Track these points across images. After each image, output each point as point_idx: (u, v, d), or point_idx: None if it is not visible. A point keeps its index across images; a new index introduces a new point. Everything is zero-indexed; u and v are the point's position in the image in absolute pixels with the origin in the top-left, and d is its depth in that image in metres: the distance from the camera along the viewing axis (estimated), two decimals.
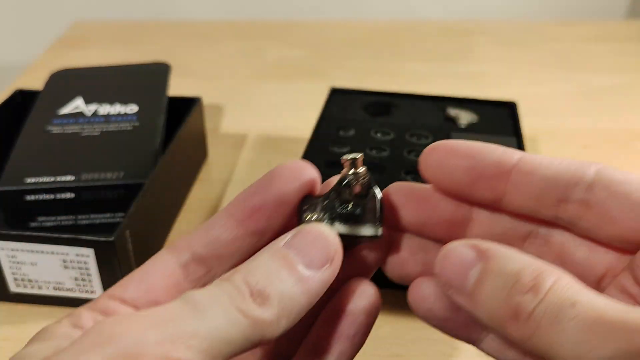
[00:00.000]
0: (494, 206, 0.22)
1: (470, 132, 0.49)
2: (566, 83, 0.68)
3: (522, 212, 0.22)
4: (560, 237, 0.22)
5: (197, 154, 0.54)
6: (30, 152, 0.45)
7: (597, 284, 0.21)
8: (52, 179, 0.42)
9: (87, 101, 0.49)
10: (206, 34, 0.82)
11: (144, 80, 0.52)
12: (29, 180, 0.42)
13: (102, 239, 0.35)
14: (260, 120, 0.60)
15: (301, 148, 0.45)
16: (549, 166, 0.21)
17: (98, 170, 0.42)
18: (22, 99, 0.52)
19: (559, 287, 0.17)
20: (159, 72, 0.53)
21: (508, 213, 0.22)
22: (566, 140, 0.57)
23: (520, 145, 0.48)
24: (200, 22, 0.86)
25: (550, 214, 0.21)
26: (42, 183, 0.42)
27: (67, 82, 0.52)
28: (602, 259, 0.21)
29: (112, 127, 0.47)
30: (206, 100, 0.54)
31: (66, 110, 0.48)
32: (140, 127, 0.47)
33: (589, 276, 0.21)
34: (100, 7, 0.94)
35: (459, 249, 0.20)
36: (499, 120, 0.50)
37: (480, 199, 0.22)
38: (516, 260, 0.19)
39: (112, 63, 0.56)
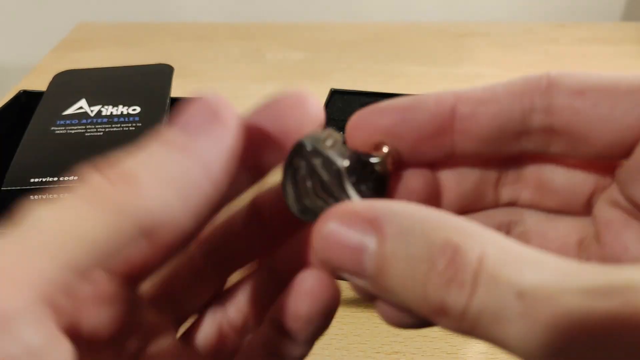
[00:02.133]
0: (449, 163, 0.19)
1: None
2: None
3: (482, 157, 0.19)
4: (533, 169, 0.20)
5: None
6: (34, 153, 0.45)
7: (586, 206, 0.19)
8: (56, 179, 0.42)
9: (91, 102, 0.49)
10: (207, 36, 0.83)
11: (147, 81, 0.53)
12: (33, 180, 0.42)
13: None
14: None
15: None
16: (491, 98, 0.18)
17: None
18: (27, 100, 0.53)
19: (489, 269, 0.13)
20: (162, 73, 0.53)
21: (468, 164, 0.20)
22: None
23: None
24: (201, 24, 0.87)
25: (514, 150, 0.18)
26: (46, 183, 0.42)
27: (71, 84, 0.52)
28: (585, 179, 0.19)
29: (115, 127, 0.47)
30: None
31: (70, 111, 0.49)
32: (143, 128, 0.47)
33: (576, 200, 0.19)
34: (104, 9, 0.94)
35: (337, 230, 0.15)
36: None
37: (430, 160, 0.19)
38: (418, 231, 0.14)
39: (115, 64, 0.56)
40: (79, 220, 0.14)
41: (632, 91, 0.16)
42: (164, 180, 0.15)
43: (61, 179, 0.42)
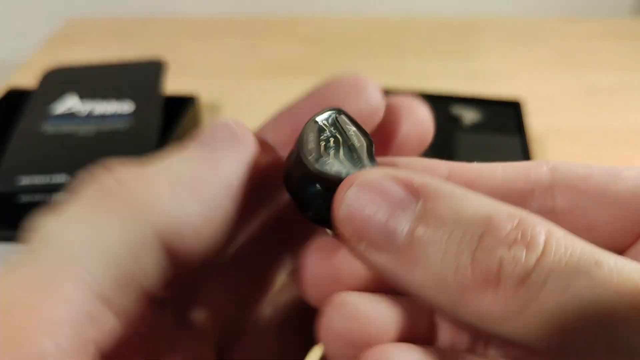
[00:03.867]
0: None
1: (474, 131, 0.48)
2: (571, 81, 0.67)
3: None
4: None
5: None
6: (24, 152, 0.44)
7: None
8: (46, 178, 0.41)
9: (82, 99, 0.49)
10: (203, 30, 0.81)
11: (138, 77, 0.52)
12: (23, 180, 0.41)
13: None
14: (258, 118, 0.59)
15: None
16: (491, 177, 0.16)
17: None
18: (16, 98, 0.52)
19: (558, 241, 0.12)
20: (153, 69, 0.52)
21: None
22: (572, 138, 0.56)
23: (524, 145, 0.47)
24: (196, 18, 0.85)
25: None
26: (37, 183, 0.41)
27: (62, 80, 0.51)
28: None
29: (107, 126, 0.46)
30: (203, 98, 0.53)
31: (60, 108, 0.48)
32: (136, 126, 0.46)
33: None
34: (96, 3, 0.93)
35: (379, 182, 0.13)
36: (504, 119, 0.49)
37: None
38: (474, 200, 0.13)
39: (107, 60, 0.55)
40: (94, 232, 0.13)
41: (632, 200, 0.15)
42: (181, 184, 0.14)
43: (52, 179, 0.41)
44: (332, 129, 0.16)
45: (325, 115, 0.16)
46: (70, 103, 0.48)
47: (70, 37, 0.79)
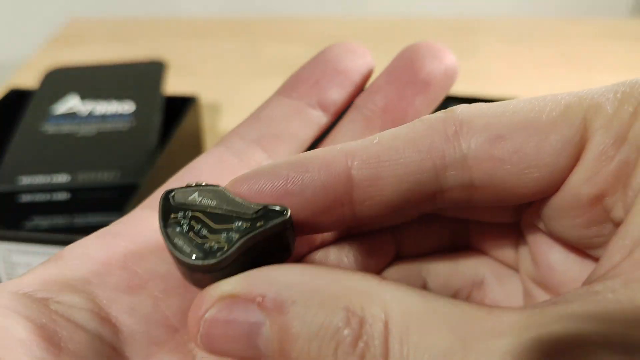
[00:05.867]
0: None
1: None
2: (571, 81, 0.67)
3: (384, 224, 0.17)
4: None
5: (194, 153, 0.52)
6: (25, 152, 0.44)
7: (515, 217, 0.18)
8: (47, 178, 0.41)
9: (83, 100, 0.49)
10: (203, 30, 0.81)
11: (139, 78, 0.52)
12: (24, 179, 0.41)
13: None
14: None
15: None
16: (392, 158, 0.15)
17: (94, 170, 0.42)
18: (17, 98, 0.52)
19: (395, 337, 0.12)
20: (154, 70, 0.52)
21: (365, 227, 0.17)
22: None
23: None
24: (197, 19, 0.85)
25: (428, 209, 0.16)
26: (38, 183, 0.41)
27: (63, 81, 0.52)
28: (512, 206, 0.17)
29: (108, 126, 0.46)
30: (203, 98, 0.53)
31: (61, 109, 0.48)
32: (137, 127, 0.46)
33: (503, 216, 0.18)
34: (96, 4, 0.93)
35: (219, 317, 0.13)
36: None
37: (330, 229, 0.16)
38: (315, 303, 0.13)
39: (108, 60, 0.55)
40: None
41: (555, 124, 0.14)
42: None
43: (53, 179, 0.41)
44: (180, 217, 0.15)
45: (164, 205, 0.15)
46: (71, 103, 0.48)
47: (71, 37, 0.79)
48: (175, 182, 0.18)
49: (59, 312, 0.15)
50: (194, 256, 0.14)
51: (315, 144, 0.19)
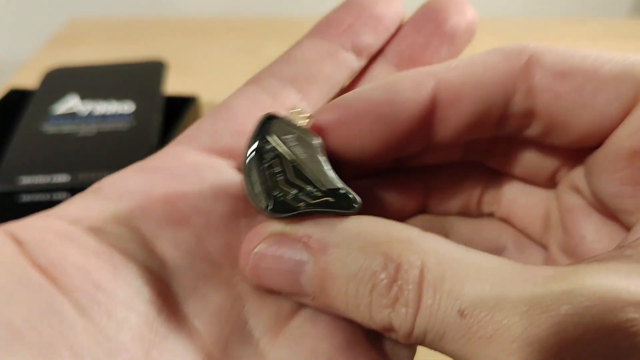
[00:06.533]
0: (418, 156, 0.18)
1: None
2: None
3: (452, 145, 0.18)
4: (503, 146, 0.19)
5: None
6: (25, 152, 0.44)
7: (550, 180, 0.19)
8: (47, 178, 0.41)
9: (83, 100, 0.49)
10: (203, 30, 0.81)
11: (139, 78, 0.52)
12: (24, 179, 0.41)
13: None
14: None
15: None
16: (474, 82, 0.16)
17: (94, 170, 0.42)
18: (17, 98, 0.52)
19: (430, 283, 0.13)
20: (154, 70, 0.52)
21: (439, 150, 0.19)
22: None
23: None
24: (197, 19, 0.85)
25: (490, 135, 0.17)
26: (38, 183, 0.41)
27: (63, 81, 0.52)
28: (554, 157, 0.18)
29: (108, 126, 0.46)
30: (204, 98, 0.53)
31: (61, 109, 0.48)
32: (137, 127, 0.46)
33: (541, 175, 0.18)
34: (96, 4, 0.93)
35: (267, 252, 0.15)
36: None
37: (402, 155, 0.17)
38: (355, 247, 0.14)
39: (108, 60, 0.55)
40: None
41: (615, 77, 0.15)
42: None
43: (53, 179, 0.41)
44: (269, 149, 0.15)
45: (260, 130, 0.16)
46: (71, 103, 0.48)
47: (71, 37, 0.79)
48: (207, 121, 0.18)
49: (111, 242, 0.15)
50: (262, 202, 0.15)
51: (344, 90, 0.19)
